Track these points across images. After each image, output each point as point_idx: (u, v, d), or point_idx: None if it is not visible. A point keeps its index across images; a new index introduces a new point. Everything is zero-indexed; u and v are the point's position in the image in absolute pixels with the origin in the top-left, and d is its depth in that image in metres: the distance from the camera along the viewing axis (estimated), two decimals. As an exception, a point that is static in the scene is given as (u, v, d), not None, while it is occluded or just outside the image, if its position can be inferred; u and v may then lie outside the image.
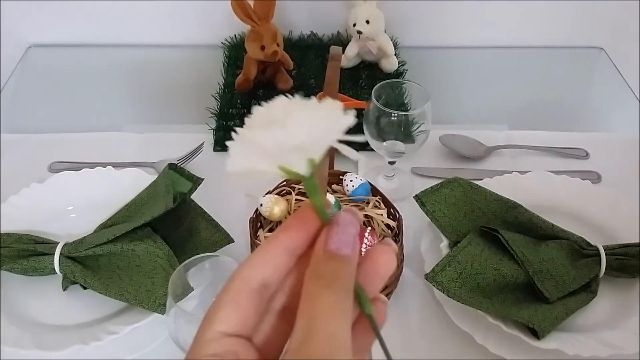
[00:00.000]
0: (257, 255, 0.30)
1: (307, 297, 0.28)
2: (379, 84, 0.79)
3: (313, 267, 0.29)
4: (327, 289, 0.28)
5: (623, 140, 0.94)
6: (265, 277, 0.30)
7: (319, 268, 0.29)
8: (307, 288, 0.28)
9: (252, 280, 0.29)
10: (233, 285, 0.29)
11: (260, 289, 0.29)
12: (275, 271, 0.30)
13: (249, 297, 0.29)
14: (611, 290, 0.69)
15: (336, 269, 0.28)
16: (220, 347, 0.28)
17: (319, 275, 0.28)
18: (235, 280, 0.30)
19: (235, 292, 0.29)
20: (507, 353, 0.62)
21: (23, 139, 0.92)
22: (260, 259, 0.30)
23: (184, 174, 0.75)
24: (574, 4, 1.10)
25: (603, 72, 1.13)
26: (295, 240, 0.30)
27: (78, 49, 1.14)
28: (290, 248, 0.30)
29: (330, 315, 0.27)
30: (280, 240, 0.30)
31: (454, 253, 0.68)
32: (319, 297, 0.27)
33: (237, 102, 0.98)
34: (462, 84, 1.09)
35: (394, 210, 0.73)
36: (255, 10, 0.93)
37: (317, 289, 0.28)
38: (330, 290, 0.28)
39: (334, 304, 0.27)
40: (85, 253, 0.67)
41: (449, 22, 1.13)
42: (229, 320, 0.29)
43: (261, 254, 0.30)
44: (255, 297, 0.29)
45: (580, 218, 0.77)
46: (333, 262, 0.29)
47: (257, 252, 0.30)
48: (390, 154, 0.80)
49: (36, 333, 0.63)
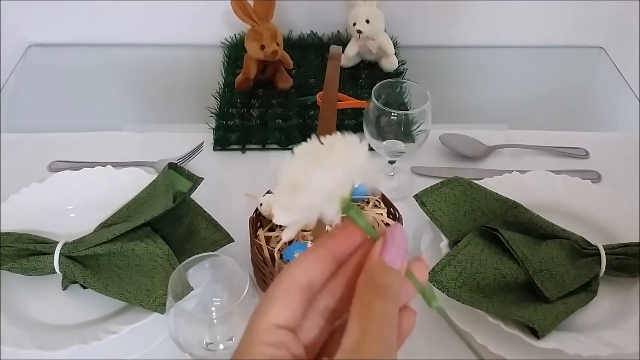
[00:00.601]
0: (307, 257, 0.33)
1: (362, 302, 0.31)
2: (379, 83, 0.78)
3: (369, 276, 0.32)
4: (381, 297, 0.31)
5: (623, 140, 0.94)
6: (312, 278, 0.33)
7: (374, 277, 0.32)
8: (363, 294, 0.31)
9: (300, 279, 0.32)
10: (284, 281, 0.32)
11: (307, 288, 0.32)
12: (320, 273, 0.33)
13: (298, 294, 0.32)
14: (611, 289, 0.69)
15: (390, 280, 0.32)
16: (273, 337, 0.31)
17: (374, 285, 0.32)
18: (285, 277, 0.32)
19: (287, 288, 0.32)
20: (507, 353, 0.62)
21: (23, 139, 0.92)
22: (309, 261, 0.33)
23: (184, 173, 0.75)
24: (574, 3, 1.10)
25: (603, 72, 1.13)
26: (340, 249, 0.33)
27: (78, 48, 1.14)
28: (335, 254, 0.33)
29: (383, 321, 0.31)
30: (327, 246, 0.33)
31: (454, 252, 0.68)
32: (373, 304, 0.31)
33: (237, 101, 0.98)
34: (462, 83, 1.09)
35: (394, 209, 0.73)
36: (255, 9, 0.93)
37: (372, 296, 0.31)
38: (384, 299, 0.31)
39: (387, 311, 0.31)
40: (85, 252, 0.67)
41: (449, 22, 1.13)
42: (280, 313, 0.31)
43: (310, 256, 0.33)
44: (302, 294, 0.32)
45: (580, 218, 0.77)
46: (387, 273, 0.32)
47: (306, 254, 0.33)
48: (390, 154, 0.80)
49: (36, 333, 0.63)
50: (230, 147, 0.91)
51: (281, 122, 0.94)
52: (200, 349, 0.56)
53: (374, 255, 0.32)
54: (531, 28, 1.14)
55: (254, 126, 0.94)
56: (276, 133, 0.91)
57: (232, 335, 0.56)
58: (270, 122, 0.93)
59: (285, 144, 0.90)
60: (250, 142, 0.91)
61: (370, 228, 0.33)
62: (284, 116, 0.95)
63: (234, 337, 0.56)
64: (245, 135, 0.92)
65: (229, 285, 0.59)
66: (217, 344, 0.56)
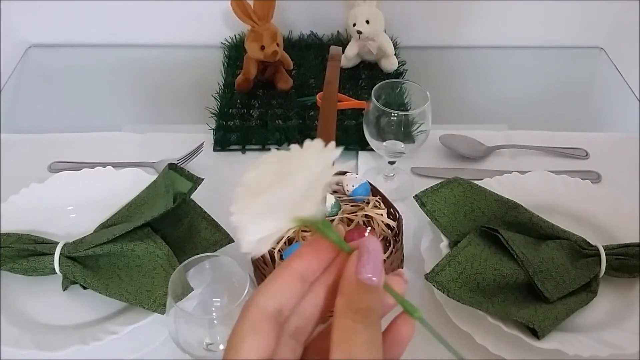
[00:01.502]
0: (271, 283, 0.32)
1: (343, 329, 0.29)
2: (379, 83, 0.79)
3: (347, 299, 0.30)
4: (364, 324, 0.29)
5: (623, 140, 0.94)
6: (280, 304, 0.31)
7: (353, 301, 0.30)
8: (343, 321, 0.30)
9: (268, 307, 0.31)
10: (250, 314, 0.31)
11: (276, 314, 0.31)
12: (289, 298, 0.31)
13: (268, 323, 0.30)
14: (611, 290, 0.69)
15: (370, 301, 0.30)
16: None
17: (354, 309, 0.30)
18: (251, 308, 0.31)
19: (255, 321, 0.30)
20: (507, 353, 0.62)
21: (23, 139, 0.92)
22: (274, 287, 0.31)
23: (184, 173, 0.75)
24: (574, 3, 1.10)
25: (603, 72, 1.13)
26: (309, 268, 0.32)
27: (78, 49, 1.14)
28: (303, 275, 0.32)
29: (368, 350, 0.29)
30: (293, 268, 0.32)
31: (454, 253, 0.68)
32: (355, 332, 0.29)
33: (237, 102, 0.99)
34: (462, 84, 1.09)
35: (394, 210, 0.73)
36: (255, 10, 0.93)
37: (353, 323, 0.29)
38: (366, 325, 0.29)
39: (371, 339, 0.29)
40: (85, 253, 0.67)
41: (449, 22, 1.13)
42: (253, 349, 0.30)
43: (275, 282, 0.32)
44: (272, 323, 0.31)
45: (580, 218, 0.77)
46: (366, 293, 0.30)
47: (271, 280, 0.32)
48: (390, 154, 0.80)
49: (36, 333, 0.63)
50: (230, 148, 0.91)
51: (281, 122, 0.94)
52: (200, 350, 0.56)
53: (349, 273, 0.31)
54: (531, 28, 1.14)
55: (254, 127, 0.94)
56: (276, 133, 0.91)
57: (232, 335, 0.56)
58: (270, 123, 0.93)
59: (285, 144, 0.90)
60: (250, 142, 0.91)
61: (341, 241, 0.32)
62: (284, 116, 0.95)
63: (234, 338, 0.56)
64: (245, 136, 0.92)
65: (229, 286, 0.59)
66: (217, 344, 0.56)
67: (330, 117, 0.59)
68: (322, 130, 0.58)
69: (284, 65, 1.01)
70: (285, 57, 1.00)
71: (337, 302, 0.31)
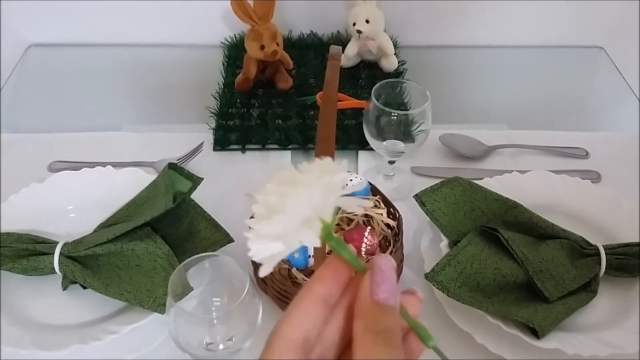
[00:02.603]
0: (296, 311, 0.31)
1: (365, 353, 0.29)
2: (379, 83, 0.78)
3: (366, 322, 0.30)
4: (385, 344, 0.29)
5: (623, 139, 0.94)
6: (307, 332, 0.30)
7: (372, 323, 0.30)
8: (364, 344, 0.29)
9: (295, 338, 0.30)
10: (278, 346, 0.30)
11: (304, 344, 0.30)
12: (314, 325, 0.31)
13: (296, 355, 0.30)
14: (611, 289, 0.69)
15: (388, 321, 0.30)
16: None
17: (374, 332, 0.29)
18: (279, 340, 0.30)
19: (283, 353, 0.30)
20: (507, 353, 0.62)
21: (23, 139, 0.92)
22: (300, 315, 0.31)
23: (184, 173, 0.75)
24: (574, 3, 1.10)
25: (603, 71, 1.13)
26: (330, 291, 0.31)
27: (78, 49, 1.14)
28: (325, 299, 0.31)
29: None
30: (316, 292, 0.31)
31: (454, 252, 0.68)
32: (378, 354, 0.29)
33: (237, 101, 0.99)
34: (461, 83, 1.09)
35: (393, 209, 0.73)
36: (255, 9, 0.93)
37: (375, 345, 0.29)
38: (387, 345, 0.29)
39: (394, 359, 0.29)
40: (85, 253, 0.67)
41: (449, 22, 1.13)
42: None
43: (300, 309, 0.31)
44: (300, 353, 0.30)
45: (580, 218, 0.77)
46: (383, 314, 0.30)
47: (295, 308, 0.31)
48: (390, 154, 0.80)
49: (36, 333, 0.63)
50: (230, 147, 0.91)
51: (281, 122, 0.94)
52: (200, 349, 0.56)
53: (365, 295, 0.30)
54: (531, 28, 1.14)
55: (253, 126, 0.94)
56: (276, 133, 0.91)
57: (232, 335, 0.56)
58: (270, 122, 0.93)
59: (285, 144, 0.90)
60: (250, 142, 0.91)
61: (354, 259, 0.32)
62: (284, 116, 0.95)
63: (234, 337, 0.56)
64: (245, 135, 0.92)
65: (229, 285, 0.59)
66: (217, 344, 0.56)
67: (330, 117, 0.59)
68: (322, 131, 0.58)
69: (284, 64, 1.01)
70: (285, 56, 1.00)
71: (355, 325, 0.30)
